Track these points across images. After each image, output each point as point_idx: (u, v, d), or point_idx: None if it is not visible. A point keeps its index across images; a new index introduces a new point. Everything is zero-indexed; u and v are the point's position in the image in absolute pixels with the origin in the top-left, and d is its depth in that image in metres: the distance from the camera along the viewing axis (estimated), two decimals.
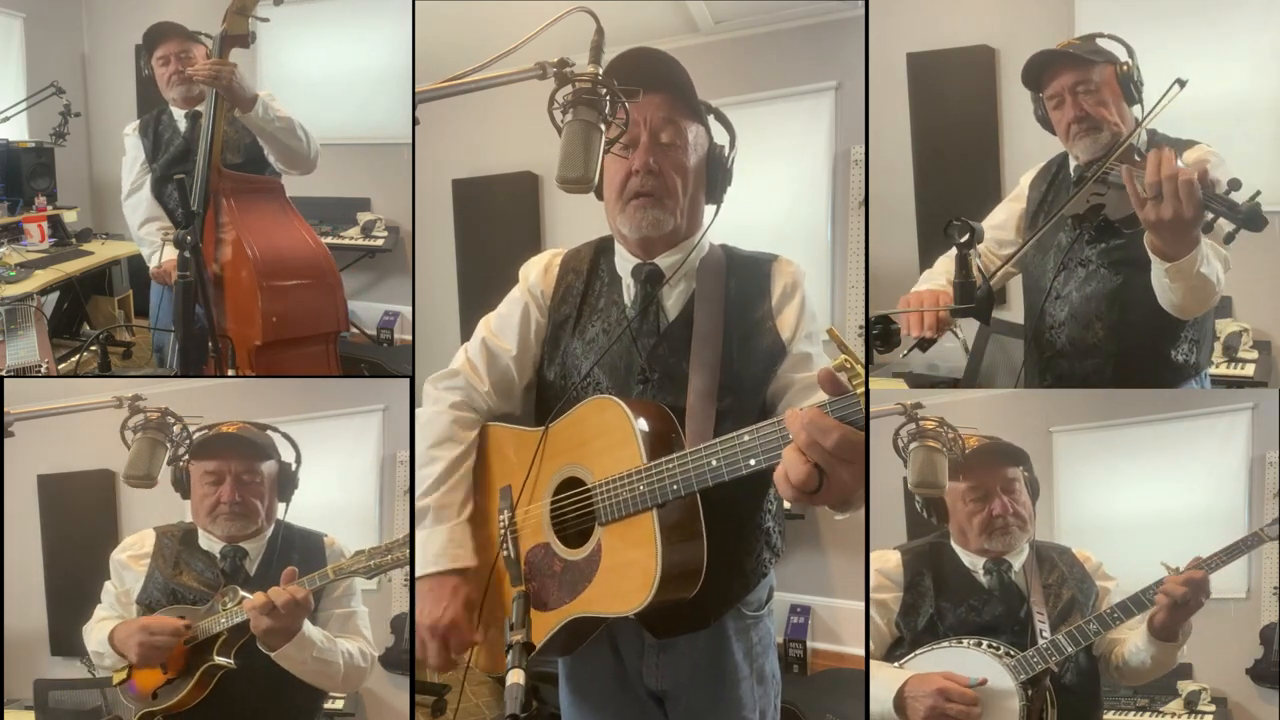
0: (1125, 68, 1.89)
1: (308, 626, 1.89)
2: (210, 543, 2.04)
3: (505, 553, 1.57)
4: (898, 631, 1.93)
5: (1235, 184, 1.53)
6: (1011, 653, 1.78)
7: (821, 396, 1.17)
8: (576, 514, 1.50)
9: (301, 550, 2.02)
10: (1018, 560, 1.91)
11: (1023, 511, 1.91)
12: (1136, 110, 1.90)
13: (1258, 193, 1.52)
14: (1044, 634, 1.81)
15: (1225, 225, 1.57)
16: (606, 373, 1.56)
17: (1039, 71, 1.94)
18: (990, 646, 1.80)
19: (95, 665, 2.04)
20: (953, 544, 1.97)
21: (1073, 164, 1.97)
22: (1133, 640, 1.85)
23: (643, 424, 1.43)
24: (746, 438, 1.28)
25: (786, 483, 1.17)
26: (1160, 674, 1.88)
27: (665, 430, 1.45)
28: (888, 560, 1.96)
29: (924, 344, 1.87)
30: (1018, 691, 1.74)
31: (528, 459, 1.57)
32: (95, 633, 2.02)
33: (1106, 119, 1.88)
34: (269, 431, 2.08)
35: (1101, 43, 1.93)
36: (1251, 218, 1.52)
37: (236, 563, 2.02)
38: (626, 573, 1.40)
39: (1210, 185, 1.53)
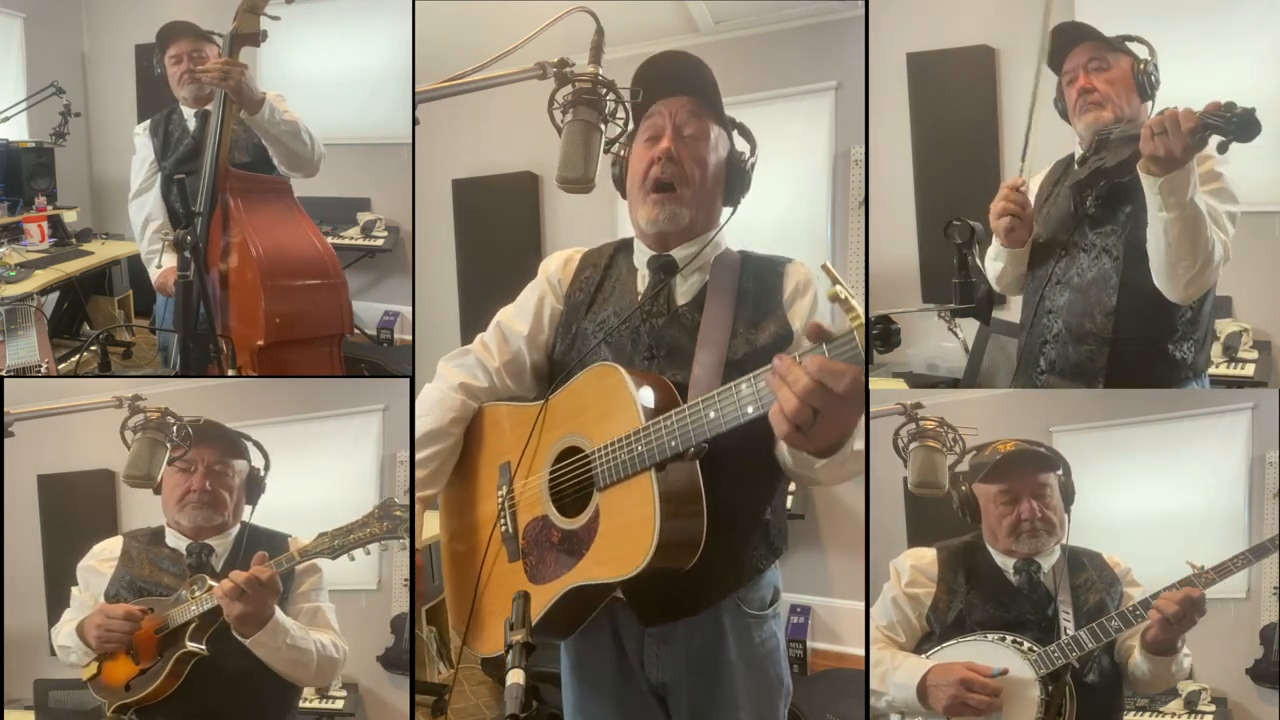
0: (1144, 65, 1.90)
1: (280, 615, 1.90)
2: (177, 540, 2.06)
3: (503, 528, 1.57)
4: (928, 625, 1.94)
5: (1232, 106, 1.57)
6: (1034, 648, 1.80)
7: None
8: (575, 483, 1.50)
9: (268, 549, 2.02)
10: (1047, 562, 1.92)
11: (1052, 516, 1.91)
12: (1148, 106, 1.91)
13: (1253, 108, 1.55)
14: (1068, 632, 1.83)
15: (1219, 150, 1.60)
16: (612, 350, 1.58)
17: (1058, 49, 1.95)
18: (1014, 641, 1.82)
19: (64, 661, 2.05)
20: (986, 544, 1.99)
21: (1078, 153, 1.96)
22: (1137, 650, 1.86)
23: (642, 389, 1.43)
24: (744, 387, 1.29)
25: (781, 418, 1.19)
26: (1162, 687, 1.89)
27: (665, 397, 1.45)
28: (924, 556, 1.98)
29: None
30: (1038, 687, 1.77)
31: (526, 434, 1.58)
32: (63, 630, 2.04)
33: (1112, 98, 1.89)
34: (240, 437, 2.10)
35: (1129, 44, 1.94)
36: (1243, 125, 1.54)
37: (203, 559, 2.03)
38: (625, 535, 1.39)
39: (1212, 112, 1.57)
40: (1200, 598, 1.75)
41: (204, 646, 1.92)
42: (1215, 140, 1.58)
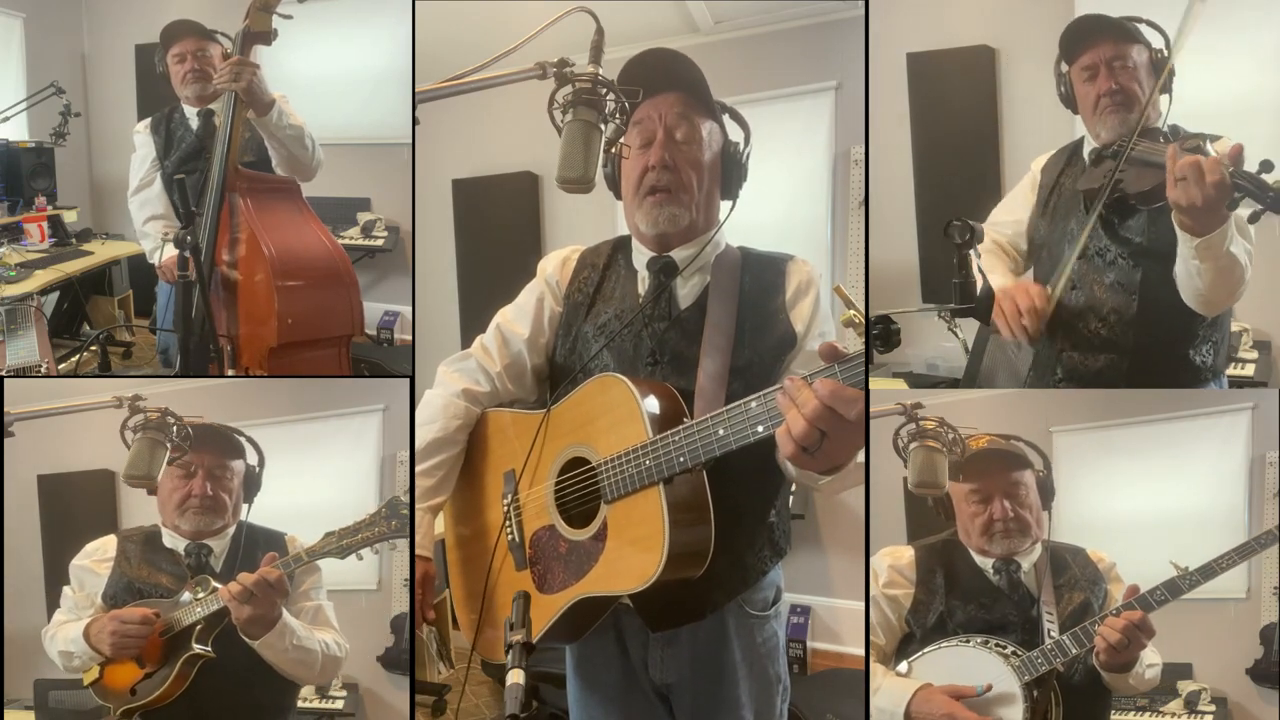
0: (1161, 55, 1.85)
1: (287, 615, 1.90)
2: (175, 540, 2.04)
3: (510, 536, 1.57)
4: (908, 628, 1.91)
5: (1267, 165, 1.50)
6: (1018, 653, 1.77)
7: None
8: (581, 494, 1.50)
9: (265, 548, 2.02)
10: (1027, 560, 1.88)
11: (1026, 516, 1.88)
12: (1164, 101, 1.86)
13: None
14: (1052, 634, 1.79)
15: (1248, 206, 1.54)
16: (615, 355, 1.57)
17: (1077, 39, 1.88)
18: (997, 645, 1.79)
19: (64, 667, 2.01)
20: (962, 542, 1.95)
21: (1088, 146, 1.93)
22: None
23: (648, 400, 1.42)
24: (754, 404, 1.29)
25: (788, 439, 1.20)
26: (1127, 693, 1.85)
27: (671, 407, 1.44)
28: (901, 556, 1.95)
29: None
30: (1022, 693, 1.73)
31: (530, 441, 1.57)
32: (61, 634, 2.01)
33: (1138, 98, 1.83)
34: (235, 435, 2.09)
35: (1142, 28, 1.88)
36: None
37: (202, 559, 2.02)
38: (634, 549, 1.39)
39: (1241, 163, 1.51)
40: (1143, 620, 1.70)
41: (210, 649, 1.91)
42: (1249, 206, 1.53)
